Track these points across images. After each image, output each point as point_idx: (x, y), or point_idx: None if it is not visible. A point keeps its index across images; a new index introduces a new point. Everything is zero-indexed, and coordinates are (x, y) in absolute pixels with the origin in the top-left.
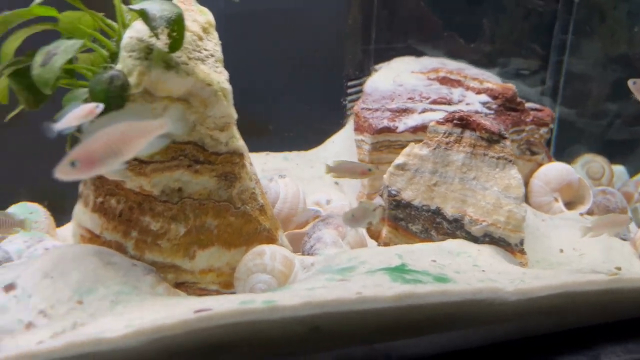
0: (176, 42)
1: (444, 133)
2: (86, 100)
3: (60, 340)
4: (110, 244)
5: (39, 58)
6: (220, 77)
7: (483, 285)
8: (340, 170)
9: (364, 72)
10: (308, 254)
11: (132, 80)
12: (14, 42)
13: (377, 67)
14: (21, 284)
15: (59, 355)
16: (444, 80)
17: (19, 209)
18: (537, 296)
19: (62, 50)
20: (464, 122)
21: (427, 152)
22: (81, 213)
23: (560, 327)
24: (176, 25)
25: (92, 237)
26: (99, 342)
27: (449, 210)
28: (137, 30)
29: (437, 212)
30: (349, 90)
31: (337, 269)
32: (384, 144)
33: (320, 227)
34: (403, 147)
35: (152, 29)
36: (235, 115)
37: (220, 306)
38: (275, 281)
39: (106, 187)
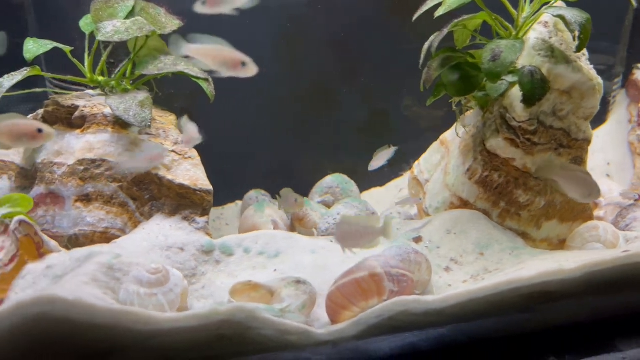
0: (582, 43)
1: None
2: (506, 91)
3: (526, 271)
4: (479, 210)
5: (487, 54)
6: (594, 73)
7: None
8: None
9: (619, 70)
10: (622, 231)
11: None
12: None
13: (639, 65)
14: (427, 237)
15: (528, 282)
16: None
17: (336, 179)
18: None
19: (507, 49)
20: None
21: None
22: (460, 184)
23: None
24: (584, 28)
25: (462, 205)
26: (559, 273)
27: None
28: (539, 32)
29: None
30: (614, 87)
31: None
32: None
33: (635, 210)
34: None
35: (571, 31)
36: (598, 107)
37: (636, 249)
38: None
39: (494, 163)
